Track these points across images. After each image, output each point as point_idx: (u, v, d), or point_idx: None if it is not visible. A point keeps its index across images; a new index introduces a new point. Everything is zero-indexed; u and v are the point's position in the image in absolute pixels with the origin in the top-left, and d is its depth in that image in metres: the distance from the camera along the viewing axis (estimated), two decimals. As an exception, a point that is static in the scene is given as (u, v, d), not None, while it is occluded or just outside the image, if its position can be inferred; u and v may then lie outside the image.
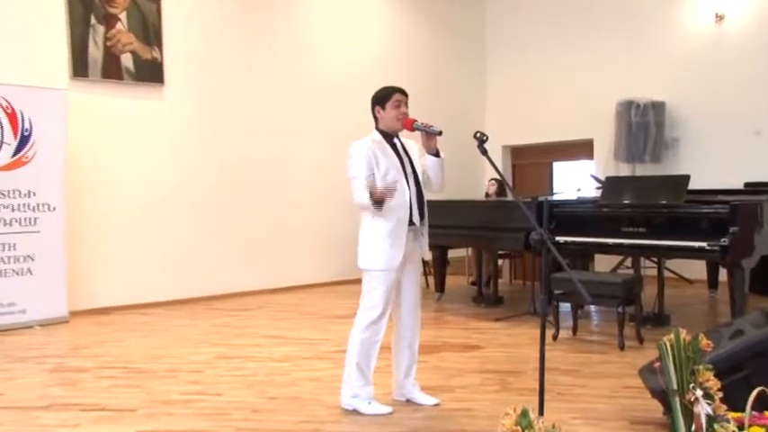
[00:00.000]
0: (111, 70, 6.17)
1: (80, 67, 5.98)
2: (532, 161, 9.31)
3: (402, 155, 3.05)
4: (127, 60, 6.26)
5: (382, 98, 3.07)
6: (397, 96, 3.07)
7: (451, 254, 7.05)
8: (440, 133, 2.95)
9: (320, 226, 7.57)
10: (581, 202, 5.69)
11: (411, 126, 3.00)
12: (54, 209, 5.45)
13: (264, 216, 7.20)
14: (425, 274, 7.29)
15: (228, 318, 5.84)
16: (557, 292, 4.69)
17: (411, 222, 3.01)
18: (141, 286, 6.34)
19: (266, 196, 7.19)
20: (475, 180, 8.63)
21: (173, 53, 6.53)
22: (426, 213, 3.12)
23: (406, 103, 3.10)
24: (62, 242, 5.49)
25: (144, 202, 6.40)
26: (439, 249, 6.63)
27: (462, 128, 8.49)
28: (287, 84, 7.40)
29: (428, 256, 3.21)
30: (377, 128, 3.09)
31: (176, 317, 5.89)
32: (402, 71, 8.13)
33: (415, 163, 3.08)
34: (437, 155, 3.05)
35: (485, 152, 2.73)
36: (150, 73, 6.39)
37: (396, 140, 3.07)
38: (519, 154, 9.43)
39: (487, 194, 7.52)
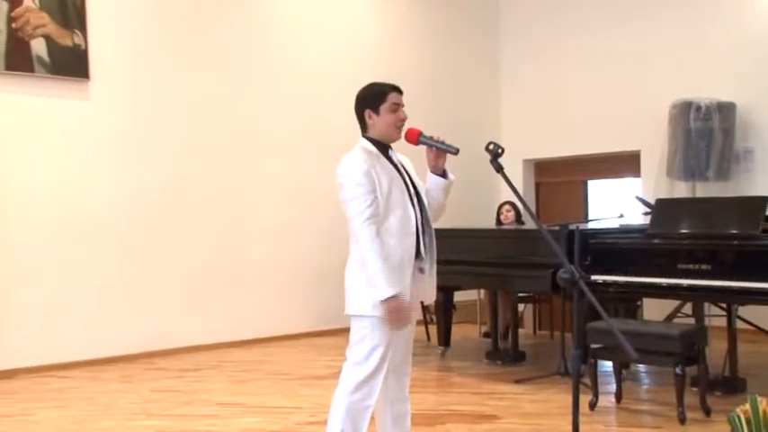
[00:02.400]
0: (18, 60, 6.13)
1: None
2: (561, 179, 9.40)
3: (401, 171, 3.09)
4: (39, 47, 6.23)
5: (375, 99, 3.09)
6: (394, 97, 3.09)
7: (458, 297, 7.10)
8: (457, 152, 3.01)
9: (292, 261, 7.61)
10: (624, 231, 5.74)
11: (416, 139, 3.04)
12: None
13: (220, 249, 7.24)
14: (425, 322, 7.38)
15: (173, 380, 5.86)
16: (594, 346, 4.72)
17: (417, 255, 3.04)
18: (58, 341, 6.31)
19: (222, 224, 7.24)
20: (487, 203, 8.68)
21: (100, 39, 6.56)
22: (434, 245, 3.16)
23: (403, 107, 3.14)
24: None
25: (62, 232, 6.39)
26: (443, 291, 6.66)
27: (471, 138, 8.43)
28: (248, 80, 7.46)
29: (432, 299, 3.23)
30: (365, 135, 3.11)
31: (104, 380, 5.89)
32: (395, 65, 8.25)
33: (415, 180, 3.13)
34: (444, 175, 3.10)
35: (499, 168, 2.77)
36: (70, 64, 6.38)
37: (390, 152, 3.11)
38: (544, 170, 9.52)
39: (501, 221, 7.60)
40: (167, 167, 6.94)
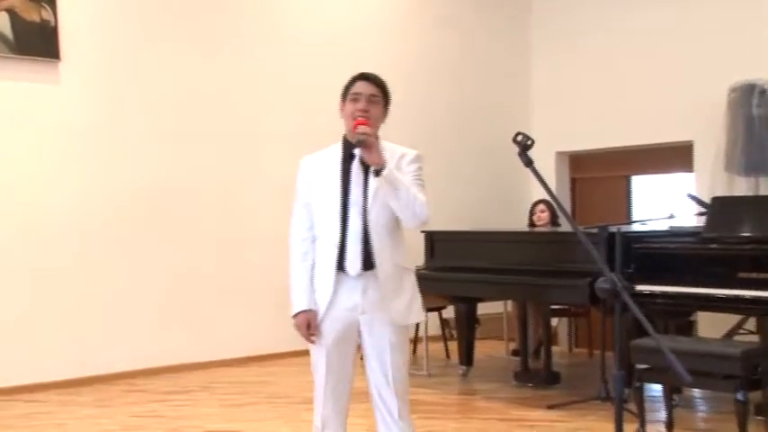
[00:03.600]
0: None
1: None
2: (600, 174, 9.45)
3: (355, 175, 3.26)
4: (2, 23, 6.23)
5: (344, 90, 3.31)
6: (356, 86, 3.27)
7: (482, 309, 7.06)
8: (357, 143, 3.10)
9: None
10: (674, 234, 5.72)
11: (355, 129, 3.19)
12: None
13: (210, 254, 7.24)
14: (444, 338, 7.49)
15: (157, 404, 5.87)
16: (640, 367, 4.66)
17: (340, 267, 3.23)
18: (24, 359, 6.29)
19: (213, 227, 7.24)
20: (516, 202, 8.72)
21: (72, 13, 6.55)
22: (387, 260, 3.23)
23: (375, 99, 3.26)
24: None
25: (28, 235, 6.37)
26: (464, 303, 6.70)
27: (497, 128, 8.57)
28: (245, 62, 7.44)
29: (408, 321, 3.35)
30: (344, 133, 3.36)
31: (78, 404, 5.91)
32: (410, 46, 8.26)
33: (372, 185, 3.24)
34: (379, 173, 3.15)
35: (529, 163, 2.81)
36: (38, 43, 6.38)
37: (356, 153, 3.24)
38: (580, 164, 9.53)
39: (534, 223, 7.62)
40: (150, 162, 6.93)
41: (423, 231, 6.59)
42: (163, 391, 6.28)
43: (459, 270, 6.34)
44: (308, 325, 3.23)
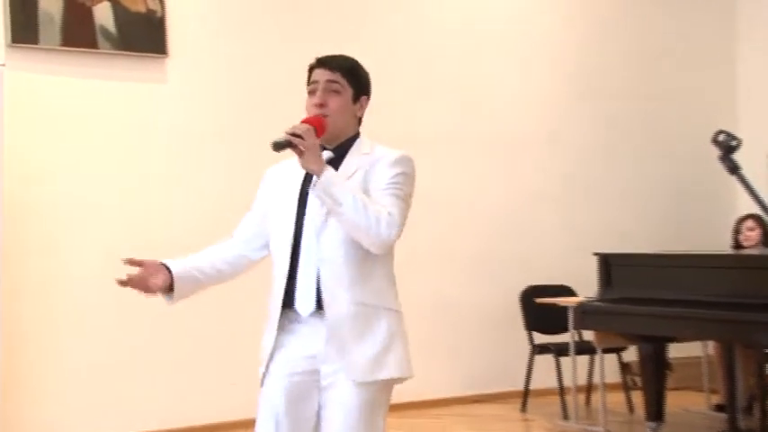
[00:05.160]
0: (78, 33, 6.22)
1: (24, 29, 6.03)
2: None
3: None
4: (104, 15, 6.31)
5: (307, 80, 3.21)
6: (313, 75, 3.17)
7: (674, 351, 6.79)
8: (273, 146, 2.91)
9: (433, 299, 7.47)
10: None
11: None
12: None
13: None
14: (625, 387, 7.36)
15: None
16: None
17: (287, 303, 3.01)
18: (119, 413, 6.33)
19: None
20: (716, 218, 8.42)
21: (181, 2, 6.66)
22: (343, 297, 2.98)
23: (335, 86, 3.12)
24: None
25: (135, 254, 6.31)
26: (650, 343, 6.38)
27: (692, 126, 8.34)
28: (379, 58, 7.10)
29: (375, 377, 2.98)
30: None
31: None
32: (583, 28, 8.14)
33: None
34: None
35: (735, 169, 2.78)
36: (143, 36, 6.47)
37: (323, 156, 3.00)
38: None
39: (740, 243, 7.32)
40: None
41: (596, 254, 6.34)
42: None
43: (644, 302, 6.03)
44: (143, 265, 3.14)
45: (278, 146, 2.87)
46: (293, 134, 2.85)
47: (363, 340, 2.95)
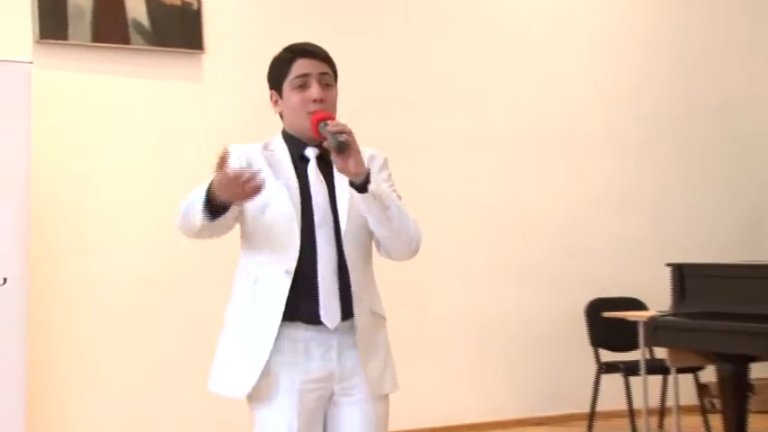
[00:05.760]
0: (109, 27, 6.17)
1: (53, 25, 5.99)
2: None
3: (316, 184, 2.92)
4: (136, 9, 6.25)
5: (277, 73, 3.02)
6: (300, 65, 2.95)
7: (756, 371, 6.51)
8: (339, 147, 2.71)
9: (494, 315, 7.30)
10: None
11: (316, 126, 2.86)
12: (4, 281, 5.32)
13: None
14: (703, 409, 7.01)
15: None
16: None
17: (311, 319, 2.81)
18: (147, 426, 6.26)
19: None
20: None
21: None
22: (365, 305, 2.90)
23: (327, 79, 2.98)
24: (19, 352, 5.35)
25: (171, 273, 6.28)
26: (730, 362, 6.06)
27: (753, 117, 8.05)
28: (426, 50, 7.22)
29: (382, 391, 2.90)
30: (283, 130, 3.09)
31: None
32: (658, 28, 7.90)
33: (343, 198, 2.92)
34: (361, 187, 2.78)
35: None
36: (178, 32, 6.41)
37: (311, 154, 2.94)
38: None
39: None
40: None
41: (668, 265, 6.07)
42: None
43: (723, 317, 5.77)
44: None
45: (343, 146, 2.70)
46: (348, 133, 2.74)
47: (376, 352, 2.91)
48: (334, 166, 2.82)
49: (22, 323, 5.38)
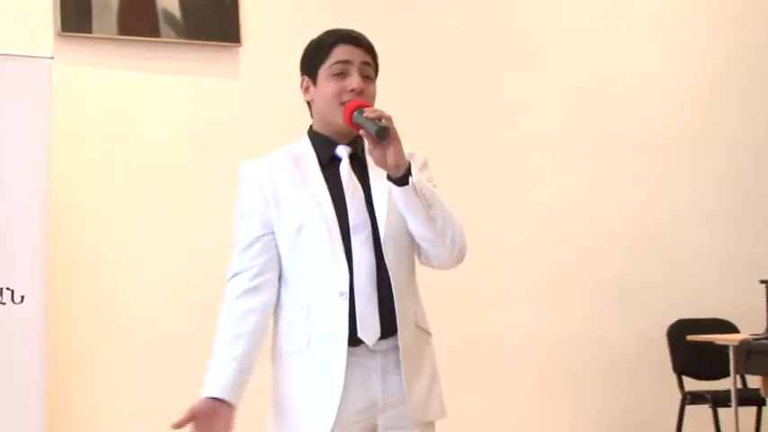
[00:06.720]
0: (138, 20, 6.09)
1: (76, 16, 5.92)
2: None
3: (349, 185, 2.87)
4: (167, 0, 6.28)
5: (313, 58, 2.96)
6: (341, 52, 2.89)
7: None
8: (380, 133, 2.66)
9: (560, 335, 7.09)
10: None
11: (350, 115, 2.79)
12: (21, 299, 5.32)
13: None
14: None
15: None
16: None
17: (355, 340, 2.72)
18: None
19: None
20: None
21: None
22: (410, 320, 2.83)
23: (368, 71, 2.93)
24: (39, 375, 5.33)
25: (202, 289, 5.98)
26: None
27: None
28: (476, 43, 7.03)
29: (427, 417, 2.78)
30: (310, 128, 3.05)
31: None
32: (751, 23, 7.51)
33: (381, 200, 2.87)
34: (401, 181, 2.70)
35: None
36: (213, 24, 6.28)
37: (343, 153, 2.90)
38: None
39: None
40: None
41: (763, 282, 6.22)
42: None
43: None
44: (197, 419, 2.73)
45: (384, 132, 2.65)
46: (388, 119, 2.69)
47: (421, 373, 2.80)
48: (369, 163, 2.80)
49: (42, 344, 5.38)
